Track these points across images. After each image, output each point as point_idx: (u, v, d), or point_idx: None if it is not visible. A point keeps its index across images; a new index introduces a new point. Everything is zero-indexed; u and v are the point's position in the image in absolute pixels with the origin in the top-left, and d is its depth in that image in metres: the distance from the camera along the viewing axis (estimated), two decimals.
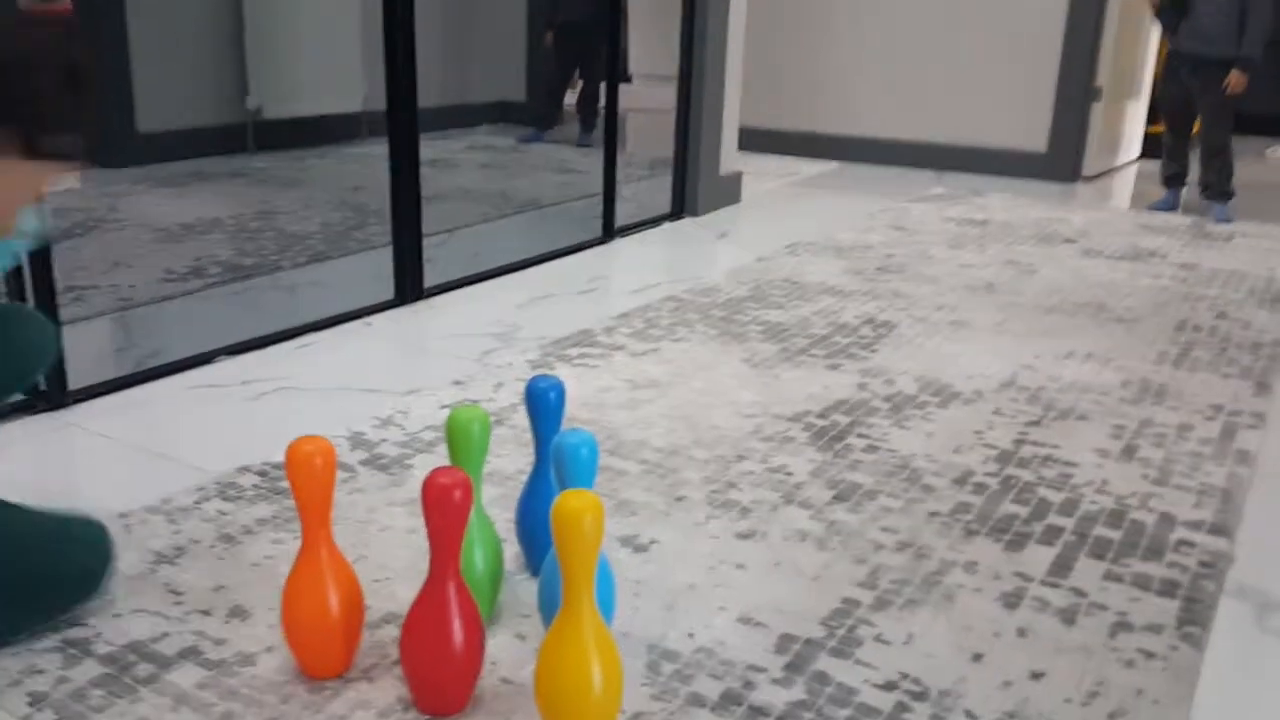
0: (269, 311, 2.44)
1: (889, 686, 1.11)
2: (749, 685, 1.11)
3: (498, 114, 5.64)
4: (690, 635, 1.19)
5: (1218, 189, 3.58)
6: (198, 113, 4.15)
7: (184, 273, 2.63)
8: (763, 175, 4.21)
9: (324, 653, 1.10)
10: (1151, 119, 5.03)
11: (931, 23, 4.35)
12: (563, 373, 2.00)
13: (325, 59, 4.50)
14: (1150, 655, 1.18)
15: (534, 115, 5.27)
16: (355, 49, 4.55)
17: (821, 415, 1.84)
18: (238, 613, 1.21)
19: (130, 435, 1.71)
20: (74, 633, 1.16)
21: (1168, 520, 1.49)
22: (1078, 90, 4.14)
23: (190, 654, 1.13)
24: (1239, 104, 3.49)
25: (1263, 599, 1.33)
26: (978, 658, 1.17)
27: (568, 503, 0.96)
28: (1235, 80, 3.38)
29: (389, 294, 2.45)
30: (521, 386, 1.92)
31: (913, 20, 4.39)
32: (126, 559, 1.30)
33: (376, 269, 2.51)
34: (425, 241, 2.49)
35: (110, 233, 3.02)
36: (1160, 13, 3.63)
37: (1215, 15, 3.42)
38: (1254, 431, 1.82)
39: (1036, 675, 1.14)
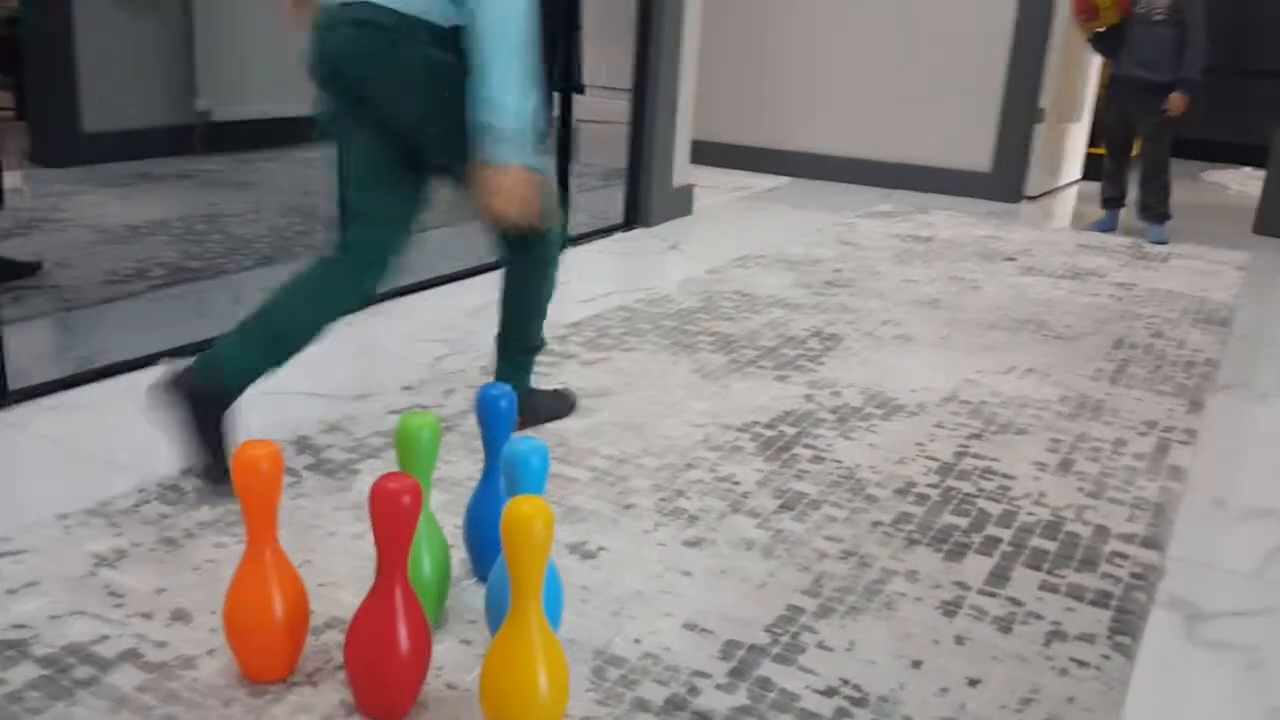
0: (214, 315, 2.41)
1: (830, 692, 1.13)
2: (693, 691, 1.12)
3: None
4: (636, 641, 1.20)
5: (1155, 210, 3.68)
6: (145, 113, 4.09)
7: (128, 274, 2.59)
8: (715, 188, 4.25)
9: (267, 656, 1.09)
10: (1092, 141, 5.16)
11: (882, 45, 4.43)
12: None
13: (276, 61, 4.45)
14: (1083, 664, 1.22)
15: None
16: (306, 50, 4.50)
17: (769, 426, 1.86)
18: (179, 616, 1.20)
19: (71, 437, 1.69)
20: (11, 634, 1.14)
21: (1102, 533, 1.54)
22: (1021, 112, 4.24)
23: (130, 656, 1.12)
24: (1177, 128, 3.59)
25: (1192, 610, 1.37)
26: (917, 664, 1.19)
27: (518, 509, 0.97)
28: (1175, 102, 3.48)
29: None
30: (472, 393, 1.92)
31: (864, 41, 4.46)
32: (66, 561, 1.28)
33: None
34: None
35: (54, 233, 2.97)
36: (1097, 40, 3.73)
37: (1155, 41, 3.53)
38: (1186, 448, 1.88)
39: (973, 682, 1.17)
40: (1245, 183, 5.23)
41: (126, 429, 1.74)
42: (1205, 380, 2.25)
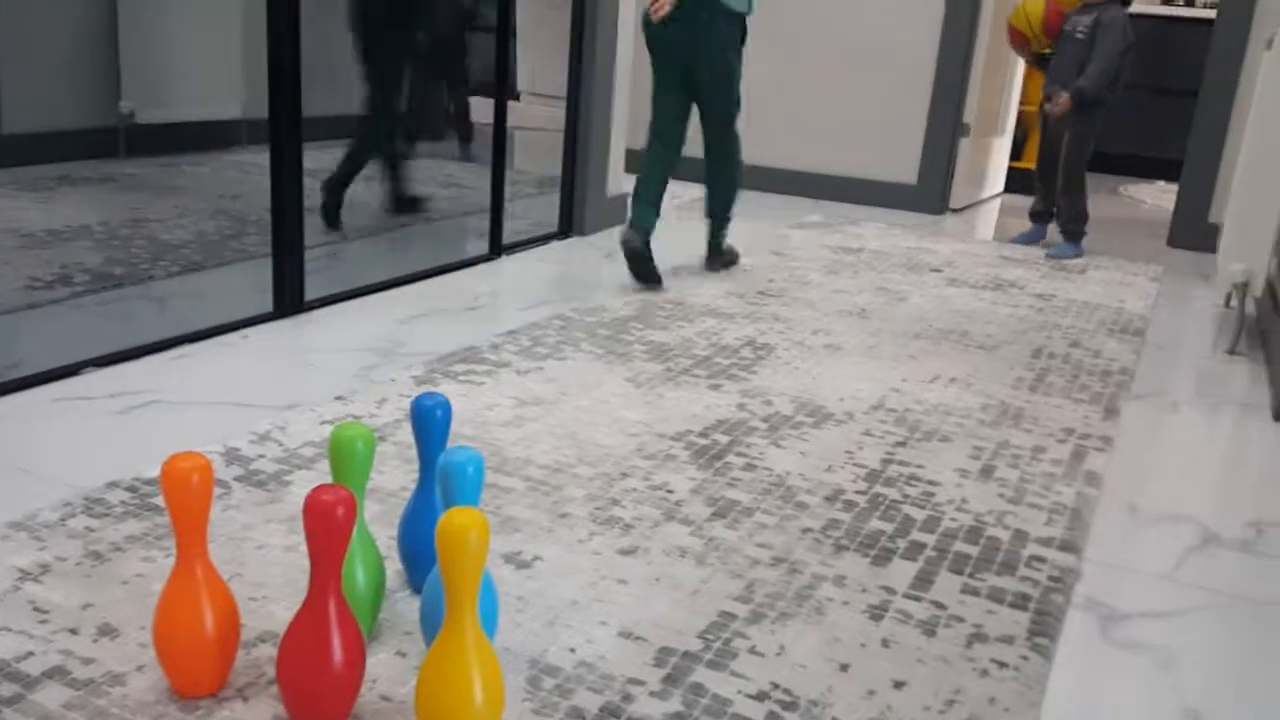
0: (140, 322, 2.37)
1: (761, 697, 1.16)
2: (628, 698, 1.14)
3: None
4: (571, 650, 1.22)
5: (1062, 225, 3.79)
6: (67, 115, 3.99)
7: (49, 280, 2.53)
8: None
9: (197, 671, 1.08)
10: (1014, 155, 5.31)
11: (813, 59, 4.50)
12: (448, 389, 2.00)
13: (204, 63, 4.38)
14: (1003, 665, 1.26)
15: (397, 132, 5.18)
16: (236, 53, 4.44)
17: (702, 434, 1.88)
18: (107, 631, 1.18)
19: None
20: None
21: (1021, 537, 1.59)
22: (946, 127, 4.35)
23: (56, 673, 1.10)
24: (1090, 141, 3.72)
25: (1107, 612, 1.42)
26: (845, 668, 1.22)
27: (453, 520, 0.98)
28: (1060, 101, 3.60)
29: (268, 306, 2.41)
30: (405, 403, 1.91)
31: (796, 56, 4.53)
32: None
33: (255, 280, 2.46)
34: (307, 253, 2.46)
35: None
36: (1037, 62, 3.88)
37: (1068, 57, 3.67)
38: (1101, 454, 1.95)
39: (899, 684, 1.20)
40: (1159, 197, 5.42)
41: (51, 440, 1.70)
42: (1120, 389, 2.33)
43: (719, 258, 3.20)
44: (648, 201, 2.91)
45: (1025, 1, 3.81)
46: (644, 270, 2.86)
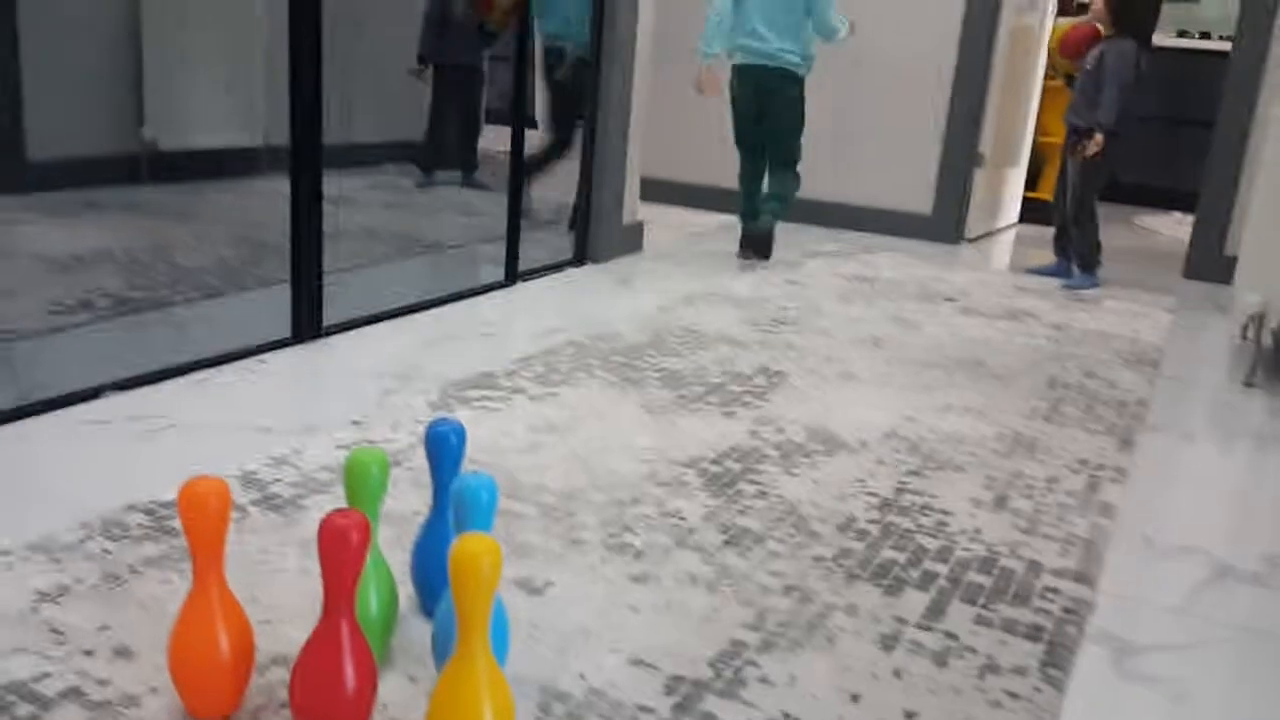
0: (160, 347, 2.39)
1: None
2: None
3: (402, 154, 5.62)
4: (582, 677, 1.22)
5: (1076, 254, 3.79)
6: (90, 142, 4.05)
7: (72, 305, 2.56)
8: (664, 226, 4.30)
9: (212, 694, 1.09)
10: (1029, 185, 5.32)
11: (830, 88, 4.53)
12: (462, 415, 2.01)
13: (225, 91, 4.44)
14: (1015, 696, 1.25)
15: (420, 160, 5.23)
16: (258, 81, 4.50)
17: (715, 461, 1.89)
18: (123, 653, 1.19)
19: (11, 470, 1.67)
20: None
21: (1035, 568, 1.58)
22: (961, 157, 4.36)
23: (72, 695, 1.11)
24: (1103, 174, 3.72)
25: (1120, 644, 1.42)
26: (855, 698, 1.22)
27: (466, 546, 0.99)
28: (1089, 144, 3.61)
29: (285, 331, 2.43)
30: (420, 428, 1.92)
31: (812, 86, 4.55)
32: (7, 597, 1.27)
33: (273, 306, 2.48)
34: (325, 279, 2.48)
35: None
36: (1069, 81, 3.93)
37: (1080, 88, 3.69)
38: (1116, 485, 1.94)
39: (910, 715, 1.20)
40: (1175, 228, 5.41)
41: (70, 463, 1.72)
42: (1135, 420, 2.33)
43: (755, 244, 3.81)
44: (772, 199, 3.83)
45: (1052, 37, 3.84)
46: (766, 249, 3.78)
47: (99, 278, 2.81)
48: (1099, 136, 3.59)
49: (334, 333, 2.53)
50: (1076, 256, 3.79)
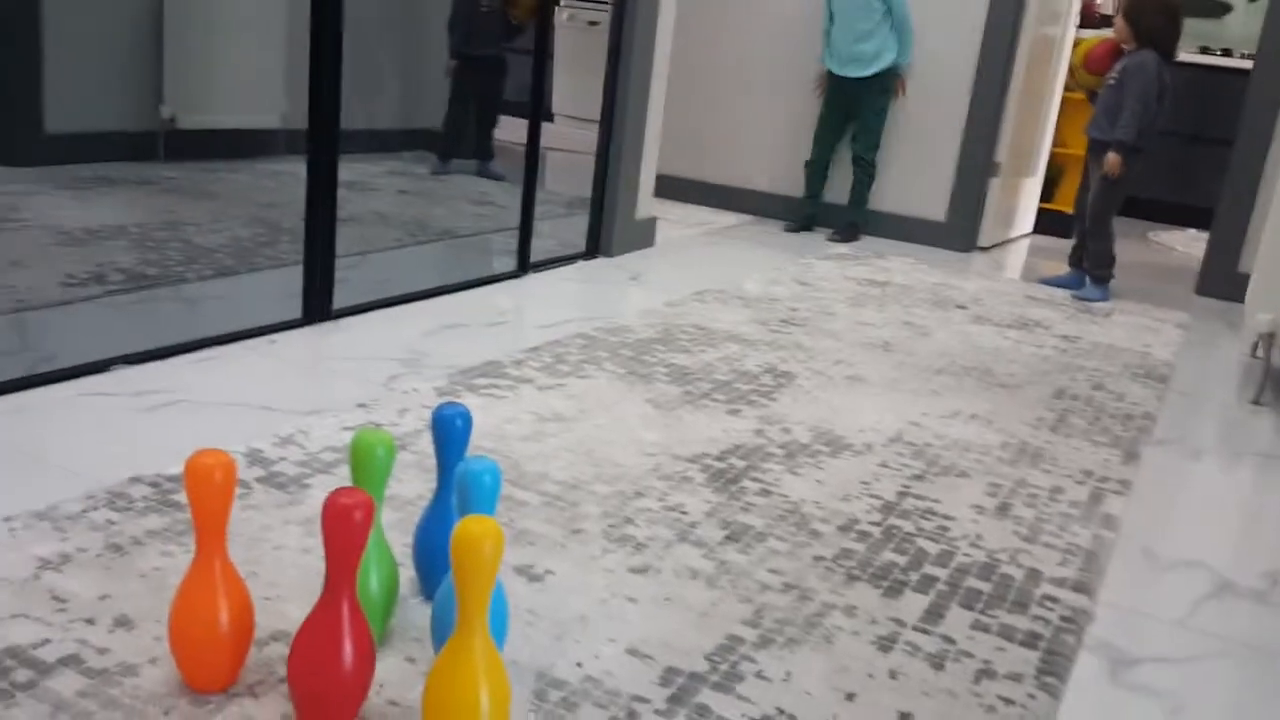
0: (170, 323, 2.40)
1: None
2: (632, 715, 1.14)
3: (419, 141, 5.63)
4: (578, 665, 1.22)
5: (1091, 266, 3.78)
6: (109, 117, 4.06)
7: (84, 278, 2.58)
8: (677, 222, 4.30)
9: (210, 666, 1.09)
10: (1045, 196, 5.30)
11: None
12: (469, 402, 2.02)
13: (246, 72, 4.45)
14: (1010, 702, 1.25)
15: (439, 147, 5.23)
16: (279, 64, 4.51)
17: (719, 458, 1.89)
18: (123, 622, 1.20)
19: (18, 440, 1.68)
20: None
21: (1035, 576, 1.58)
22: (977, 165, 4.35)
23: (72, 662, 1.12)
24: (1123, 189, 3.71)
25: (1117, 655, 1.42)
26: (850, 697, 1.22)
27: (468, 528, 0.99)
28: (1110, 161, 3.60)
29: (296, 313, 2.44)
30: (427, 413, 1.93)
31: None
32: (10, 564, 1.28)
33: (285, 287, 2.49)
34: (337, 263, 2.49)
35: (10, 232, 2.94)
36: (1091, 97, 3.93)
37: (1103, 102, 3.68)
38: (1119, 497, 1.94)
39: (904, 715, 1.20)
40: (1190, 244, 5.39)
41: (77, 434, 1.73)
42: (1142, 433, 2.32)
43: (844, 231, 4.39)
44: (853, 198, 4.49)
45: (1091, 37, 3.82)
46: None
47: (112, 252, 2.82)
48: (1113, 157, 3.58)
49: (344, 316, 2.53)
50: (1090, 269, 3.78)
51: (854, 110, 4.34)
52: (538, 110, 3.24)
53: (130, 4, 4.19)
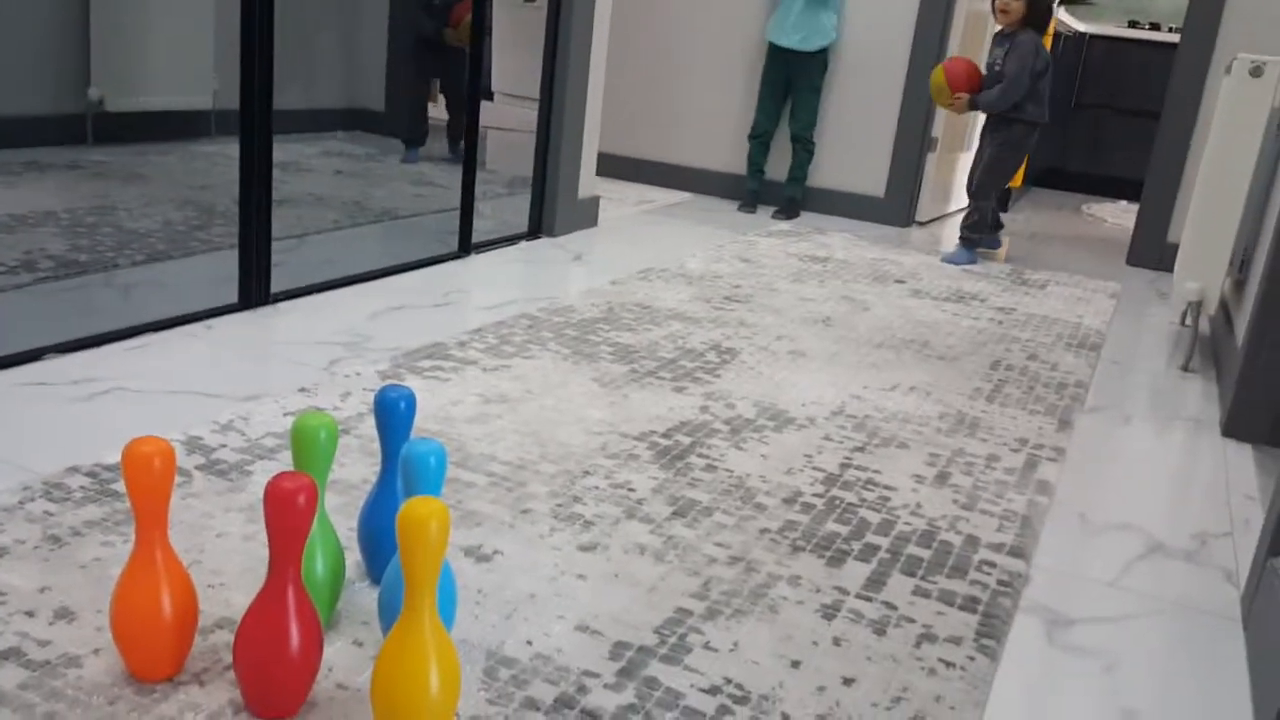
0: (103, 310, 2.35)
1: (713, 691, 1.18)
2: (582, 690, 1.16)
3: (354, 121, 5.54)
4: (528, 642, 1.23)
5: (964, 228, 3.86)
6: (34, 100, 3.95)
7: (12, 266, 2.51)
8: (619, 201, 4.30)
9: (154, 654, 1.08)
10: None
11: None
12: (413, 384, 2.01)
13: (175, 52, 4.34)
14: (950, 665, 1.29)
15: (405, 133, 5.16)
16: (209, 42, 4.41)
17: (665, 435, 1.91)
18: (63, 614, 1.18)
19: None
20: None
21: (972, 542, 1.62)
22: (914, 141, 4.40)
23: (12, 655, 1.10)
24: (1015, 160, 3.82)
25: (1053, 616, 1.46)
26: (796, 664, 1.25)
27: (414, 509, 0.99)
28: (958, 103, 3.75)
29: (233, 297, 2.40)
30: (370, 396, 1.92)
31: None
32: None
33: (220, 271, 2.45)
34: (274, 246, 2.45)
35: None
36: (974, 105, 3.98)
37: (992, 80, 3.78)
38: (1054, 464, 1.99)
39: (848, 681, 1.23)
40: (1120, 215, 5.51)
41: (11, 424, 1.69)
42: (1075, 401, 2.38)
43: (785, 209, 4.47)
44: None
45: (932, 77, 3.87)
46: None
47: (41, 239, 2.75)
48: (962, 99, 3.71)
49: (282, 300, 2.50)
50: (961, 229, 3.86)
51: (793, 84, 4.37)
52: (476, 89, 3.22)
53: None
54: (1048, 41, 5.39)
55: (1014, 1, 3.68)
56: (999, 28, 3.79)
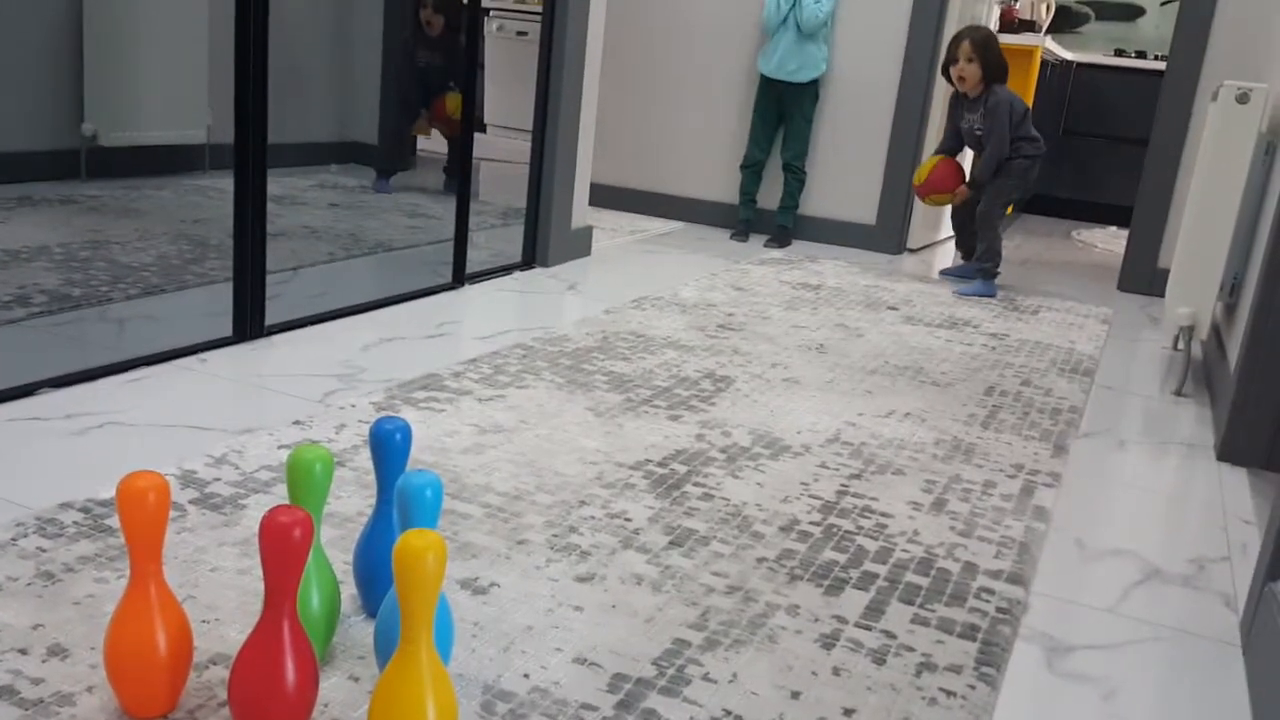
0: (97, 344, 2.35)
1: None
2: None
3: (347, 154, 5.57)
4: (525, 676, 1.22)
5: (979, 262, 3.88)
6: (28, 136, 3.96)
7: (7, 301, 2.51)
8: (613, 231, 4.31)
9: (148, 691, 1.07)
10: None
11: None
12: (408, 415, 2.00)
13: (168, 87, 4.37)
14: (951, 693, 1.28)
15: (378, 162, 5.17)
16: (201, 78, 4.44)
17: (661, 464, 1.90)
18: (57, 651, 1.17)
19: None
20: None
21: (971, 569, 1.62)
22: (905, 169, 4.43)
23: (5, 693, 1.09)
24: (1010, 191, 3.86)
25: (1052, 643, 1.45)
26: (796, 695, 1.24)
27: (410, 542, 0.99)
28: (959, 193, 3.87)
29: (227, 330, 2.40)
30: (365, 428, 1.91)
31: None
32: None
33: (215, 304, 2.45)
34: (269, 279, 2.46)
35: None
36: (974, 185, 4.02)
37: (976, 143, 3.85)
38: (1050, 490, 1.99)
39: (848, 711, 1.22)
40: (1110, 241, 5.54)
41: (4, 460, 1.69)
42: (1069, 427, 2.38)
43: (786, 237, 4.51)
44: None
45: (927, 201, 3.95)
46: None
47: (35, 274, 2.75)
48: (963, 190, 3.83)
49: (277, 332, 2.50)
50: (977, 264, 3.88)
51: (785, 115, 4.42)
52: (469, 121, 3.24)
53: (48, 18, 4.09)
54: (1033, 71, 5.46)
55: (968, 66, 3.74)
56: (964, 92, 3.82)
